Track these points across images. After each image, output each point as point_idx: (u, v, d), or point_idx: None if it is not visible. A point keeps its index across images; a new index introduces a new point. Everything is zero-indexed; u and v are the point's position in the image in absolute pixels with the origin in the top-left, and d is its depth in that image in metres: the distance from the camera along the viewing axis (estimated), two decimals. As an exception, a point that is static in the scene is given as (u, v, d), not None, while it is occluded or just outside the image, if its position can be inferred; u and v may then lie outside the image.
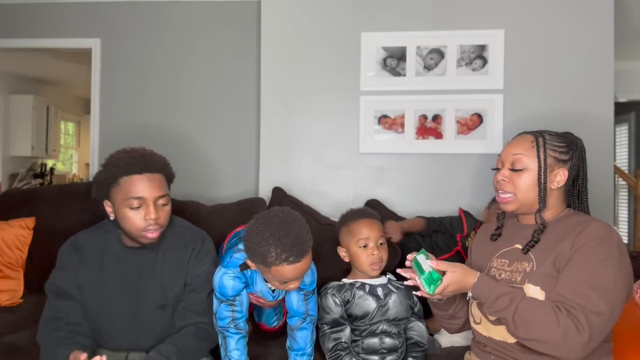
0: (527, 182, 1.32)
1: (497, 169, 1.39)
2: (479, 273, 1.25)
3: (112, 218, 1.49)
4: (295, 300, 1.54)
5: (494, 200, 2.10)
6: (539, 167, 1.31)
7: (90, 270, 1.52)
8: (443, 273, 1.23)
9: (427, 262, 1.23)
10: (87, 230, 1.60)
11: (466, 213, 2.23)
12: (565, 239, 1.25)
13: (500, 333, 1.30)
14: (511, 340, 1.27)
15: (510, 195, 1.34)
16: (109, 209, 1.48)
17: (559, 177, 1.33)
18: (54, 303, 1.50)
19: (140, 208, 1.44)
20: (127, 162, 1.44)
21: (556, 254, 1.25)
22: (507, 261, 1.36)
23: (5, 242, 2.11)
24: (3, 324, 1.83)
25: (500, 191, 1.36)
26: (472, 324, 1.40)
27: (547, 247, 1.29)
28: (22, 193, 2.49)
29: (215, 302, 1.50)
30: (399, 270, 1.31)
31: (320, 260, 1.65)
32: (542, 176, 1.31)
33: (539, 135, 1.35)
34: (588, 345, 1.14)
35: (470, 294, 1.25)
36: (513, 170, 1.34)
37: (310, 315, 1.54)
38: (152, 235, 1.47)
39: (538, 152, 1.32)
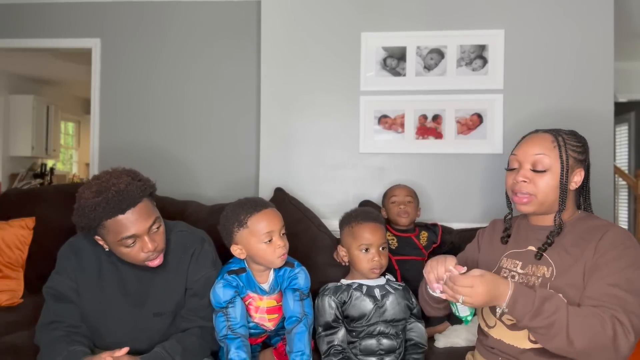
0: (549, 183, 1.28)
1: (512, 169, 1.35)
2: (510, 281, 1.16)
3: (107, 250, 1.46)
4: (291, 301, 1.55)
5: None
6: (562, 168, 1.28)
7: (88, 275, 1.51)
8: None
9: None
10: (84, 233, 1.56)
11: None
12: (586, 247, 1.22)
13: (511, 337, 1.27)
14: (522, 345, 1.25)
15: (530, 196, 1.30)
16: (101, 242, 1.44)
17: (577, 177, 1.31)
18: (52, 306, 1.49)
19: (135, 243, 1.39)
20: (104, 206, 1.33)
21: (584, 264, 1.21)
22: (520, 263, 1.33)
23: (5, 242, 2.10)
24: (3, 324, 1.82)
25: (519, 193, 1.31)
26: (484, 327, 1.38)
27: (565, 252, 1.26)
28: (22, 193, 2.49)
29: (213, 315, 1.52)
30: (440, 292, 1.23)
31: (313, 270, 1.65)
32: (564, 177, 1.28)
33: (557, 135, 1.31)
34: (632, 348, 1.10)
35: (505, 304, 1.13)
36: (534, 171, 1.30)
37: (306, 315, 1.54)
38: (155, 262, 1.45)
39: (560, 152, 1.28)
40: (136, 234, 1.38)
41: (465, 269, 1.18)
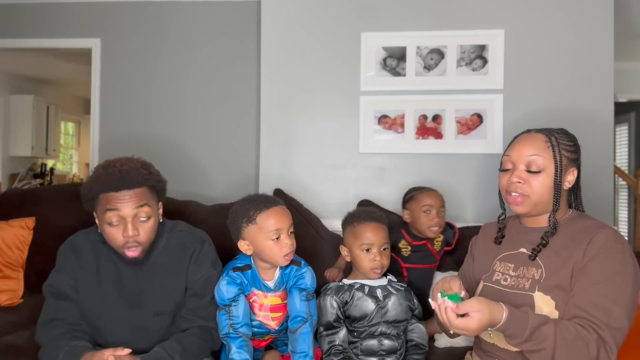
0: (544, 183, 1.27)
1: (505, 170, 1.34)
2: (505, 308, 1.12)
3: (99, 230, 1.48)
4: (297, 301, 1.54)
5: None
6: (556, 168, 1.27)
7: (87, 273, 1.51)
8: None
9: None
10: (85, 231, 1.58)
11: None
12: (576, 249, 1.22)
13: (503, 341, 1.27)
14: (514, 348, 1.25)
15: (524, 197, 1.29)
16: (97, 220, 1.47)
17: (570, 177, 1.31)
18: (52, 304, 1.50)
19: (119, 225, 1.41)
20: (104, 179, 1.40)
21: (572, 266, 1.21)
22: (512, 265, 1.33)
23: (5, 242, 2.10)
24: (3, 324, 1.83)
25: (513, 193, 1.30)
26: None
27: (554, 254, 1.26)
28: (22, 193, 2.49)
29: (217, 312, 1.52)
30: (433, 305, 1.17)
31: (315, 272, 1.64)
32: (558, 177, 1.27)
33: (550, 134, 1.31)
34: None
35: (495, 329, 1.13)
36: (529, 171, 1.29)
37: (311, 316, 1.54)
38: (132, 253, 1.44)
39: (554, 152, 1.28)
40: (120, 211, 1.39)
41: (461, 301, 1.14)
